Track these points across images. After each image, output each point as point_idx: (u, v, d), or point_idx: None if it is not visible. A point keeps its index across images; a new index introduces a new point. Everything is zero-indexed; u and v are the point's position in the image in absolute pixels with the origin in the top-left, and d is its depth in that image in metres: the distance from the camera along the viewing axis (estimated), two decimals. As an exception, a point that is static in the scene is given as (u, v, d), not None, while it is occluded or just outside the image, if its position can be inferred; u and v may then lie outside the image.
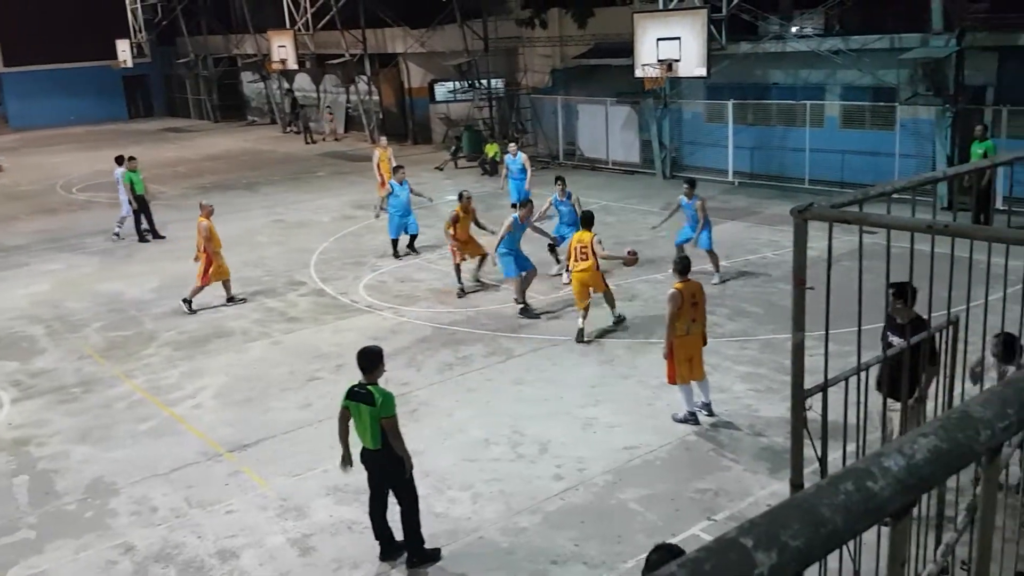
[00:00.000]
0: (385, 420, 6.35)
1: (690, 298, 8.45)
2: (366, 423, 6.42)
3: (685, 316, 8.45)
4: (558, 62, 27.14)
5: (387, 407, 6.35)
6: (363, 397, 6.41)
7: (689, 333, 8.46)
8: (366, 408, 6.39)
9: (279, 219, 19.45)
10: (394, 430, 6.41)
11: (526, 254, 12.51)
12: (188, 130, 39.06)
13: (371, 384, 6.44)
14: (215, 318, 12.70)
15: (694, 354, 8.55)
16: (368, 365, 6.54)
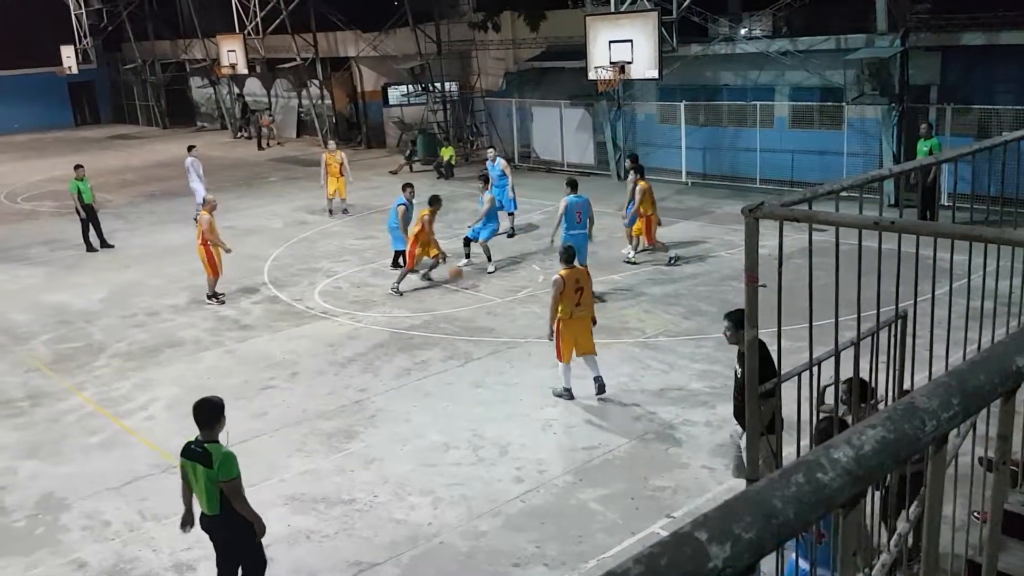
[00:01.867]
0: (225, 484, 5.58)
1: (574, 284, 8.96)
2: (202, 486, 5.64)
3: (569, 300, 8.96)
4: (511, 65, 27.19)
5: (226, 469, 5.56)
6: (199, 457, 5.61)
7: (572, 316, 8.98)
8: (202, 469, 5.59)
9: (230, 226, 19.12)
10: (236, 494, 5.64)
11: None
12: (136, 137, 38.29)
13: (209, 442, 5.64)
14: (166, 328, 12.47)
15: (579, 335, 9.10)
16: (206, 419, 5.69)
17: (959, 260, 3.87)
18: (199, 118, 40.76)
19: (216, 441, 5.68)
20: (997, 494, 1.67)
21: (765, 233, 3.63)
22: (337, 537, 7.01)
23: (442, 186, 22.44)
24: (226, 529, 5.72)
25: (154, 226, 19.28)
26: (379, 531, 7.06)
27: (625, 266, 14.17)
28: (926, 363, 4.39)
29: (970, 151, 4.55)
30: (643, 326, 11.42)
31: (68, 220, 18.06)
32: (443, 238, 16.84)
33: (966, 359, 1.24)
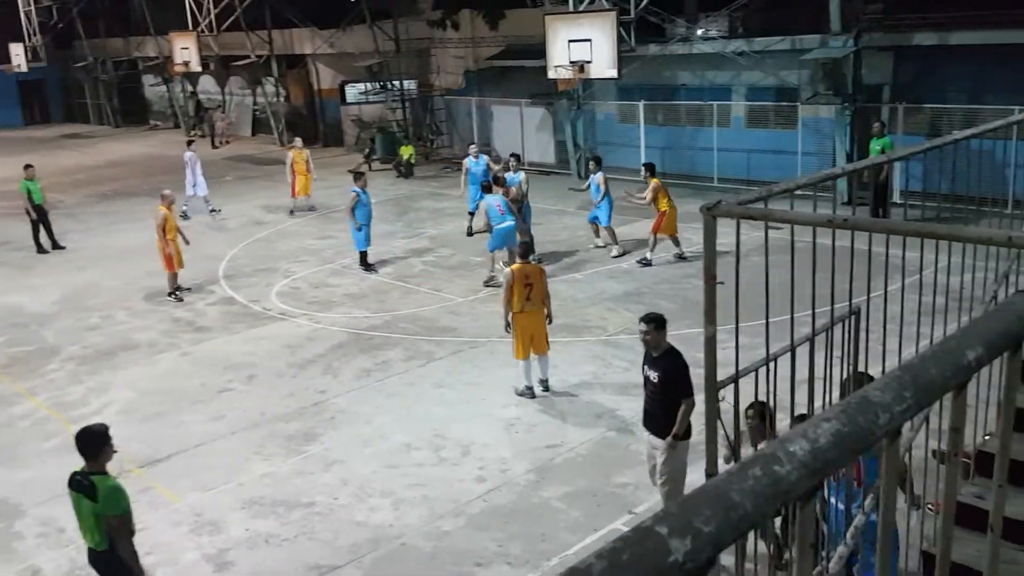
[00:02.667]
0: (111, 519, 5.18)
1: (523, 279, 9.09)
2: (87, 519, 5.25)
3: (519, 294, 9.08)
4: (471, 63, 27.15)
5: (112, 503, 5.17)
6: (84, 489, 5.21)
7: (523, 311, 9.09)
8: (87, 503, 5.19)
9: (184, 226, 18.84)
10: (121, 531, 5.22)
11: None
12: (88, 136, 37.49)
13: (94, 473, 5.23)
14: (121, 330, 12.23)
15: (535, 331, 9.20)
16: (88, 449, 5.27)
17: (911, 257, 3.96)
18: (152, 116, 40.04)
19: (103, 472, 5.27)
20: (949, 486, 1.71)
21: (723, 231, 3.67)
22: (297, 540, 6.95)
23: (402, 185, 22.37)
24: (112, 565, 5.29)
25: (108, 227, 18.90)
26: (340, 533, 7.00)
27: (585, 265, 14.22)
28: (880, 358, 4.48)
29: (921, 149, 4.66)
30: (605, 324, 11.49)
31: (19, 221, 17.61)
32: (405, 237, 16.80)
33: (918, 353, 1.27)
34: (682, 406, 6.34)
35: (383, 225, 18.01)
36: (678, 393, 6.34)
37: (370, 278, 14.16)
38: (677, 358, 6.40)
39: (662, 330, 6.45)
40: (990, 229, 3.39)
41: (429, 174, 23.77)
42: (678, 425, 6.37)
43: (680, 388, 6.35)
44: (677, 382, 6.35)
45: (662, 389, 6.42)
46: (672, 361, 6.40)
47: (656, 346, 6.45)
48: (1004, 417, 1.76)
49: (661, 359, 6.44)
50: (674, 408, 6.36)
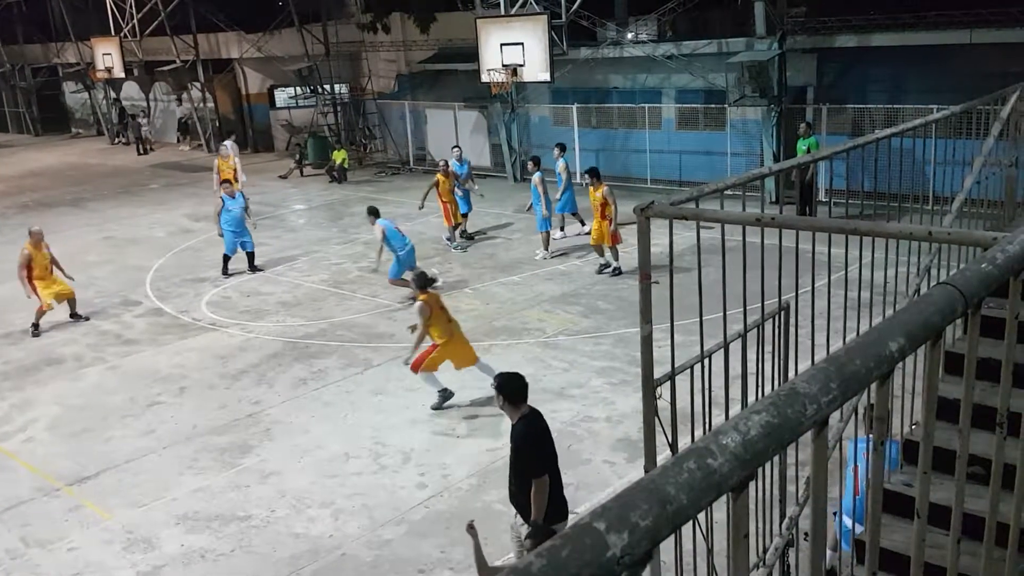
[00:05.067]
0: None
1: (437, 305, 8.89)
2: None
3: (441, 323, 8.85)
4: (403, 67, 27.00)
5: None
6: None
7: (453, 336, 8.94)
8: None
9: (109, 236, 18.29)
10: None
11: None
12: (6, 145, 36.05)
13: None
14: (44, 344, 11.80)
15: (461, 350, 9.06)
16: None
17: (837, 253, 4.07)
18: (74, 124, 38.73)
19: None
20: (876, 474, 1.76)
21: (656, 231, 3.73)
22: (234, 555, 6.79)
23: (335, 190, 22.10)
24: None
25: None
26: (278, 546, 6.87)
27: (523, 267, 14.26)
28: (809, 352, 4.60)
29: (845, 148, 4.80)
30: (543, 326, 11.54)
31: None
32: (339, 243, 16.60)
33: (843, 346, 1.30)
34: (533, 486, 5.46)
35: (317, 231, 17.77)
36: (524, 470, 5.53)
37: (303, 285, 13.96)
38: (525, 429, 5.57)
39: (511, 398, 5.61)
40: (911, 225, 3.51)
41: (363, 179, 23.55)
42: (534, 510, 5.46)
43: (527, 465, 5.51)
44: (523, 457, 5.54)
45: (512, 463, 5.64)
46: (519, 432, 5.58)
47: (509, 415, 5.67)
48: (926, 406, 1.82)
49: (512, 429, 5.65)
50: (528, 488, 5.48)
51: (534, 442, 5.52)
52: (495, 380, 5.74)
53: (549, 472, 5.52)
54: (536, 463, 5.47)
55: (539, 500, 5.43)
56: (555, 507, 5.54)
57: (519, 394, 5.62)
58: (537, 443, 5.53)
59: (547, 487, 5.42)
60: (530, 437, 5.51)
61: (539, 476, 5.42)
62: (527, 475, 5.46)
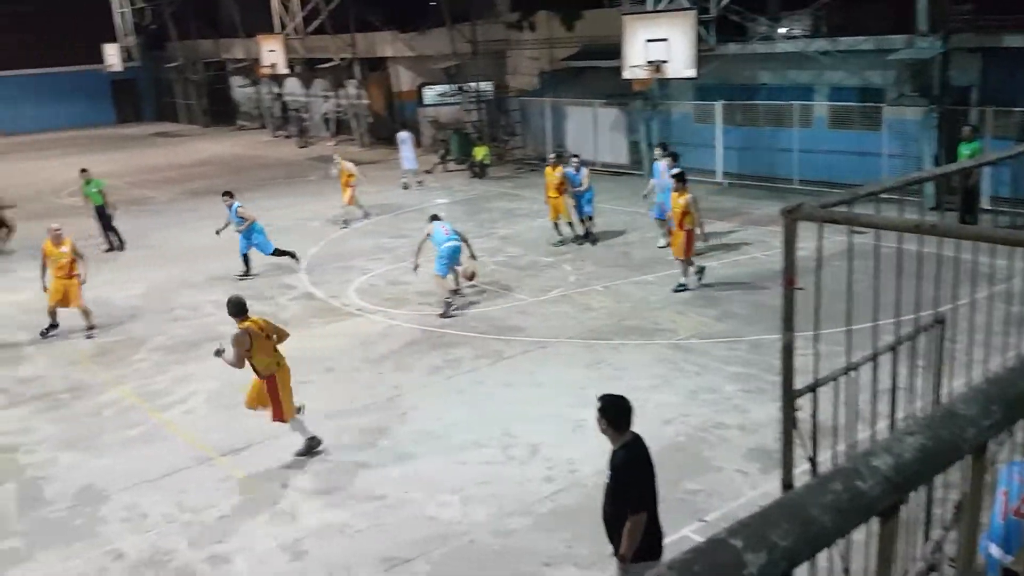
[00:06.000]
0: None
1: (261, 333, 8.16)
2: None
3: (266, 351, 8.14)
4: (546, 64, 27.17)
5: None
6: None
7: (280, 365, 8.26)
8: None
9: (268, 224, 19.33)
10: None
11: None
12: (178, 135, 38.88)
13: None
14: (206, 322, 12.65)
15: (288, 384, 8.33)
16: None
17: (999, 264, 3.80)
18: (239, 117, 41.26)
19: None
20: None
21: (803, 235, 3.59)
22: (369, 532, 7.07)
23: (476, 185, 22.53)
24: None
25: (195, 223, 19.53)
26: (410, 527, 7.10)
27: (657, 267, 14.08)
28: (965, 369, 4.31)
29: (1012, 154, 4.47)
30: (676, 327, 11.36)
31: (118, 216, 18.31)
32: (476, 237, 16.91)
33: (1006, 365, 1.22)
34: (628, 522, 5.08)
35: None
36: (622, 504, 5.13)
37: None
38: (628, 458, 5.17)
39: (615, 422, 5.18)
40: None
41: (502, 175, 23.88)
42: (624, 545, 5.11)
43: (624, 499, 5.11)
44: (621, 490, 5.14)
45: (609, 493, 5.25)
46: (615, 461, 5.19)
47: (610, 440, 5.23)
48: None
49: (613, 456, 5.24)
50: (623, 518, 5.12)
51: (636, 473, 5.13)
52: (600, 402, 5.20)
53: (647, 508, 5.15)
54: (635, 497, 5.08)
55: (632, 538, 5.05)
56: (648, 545, 5.15)
57: (624, 419, 5.18)
58: (639, 475, 5.13)
59: (643, 525, 5.05)
60: (632, 468, 5.12)
61: (636, 512, 5.04)
62: (624, 508, 5.09)
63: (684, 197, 12.37)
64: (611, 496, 5.18)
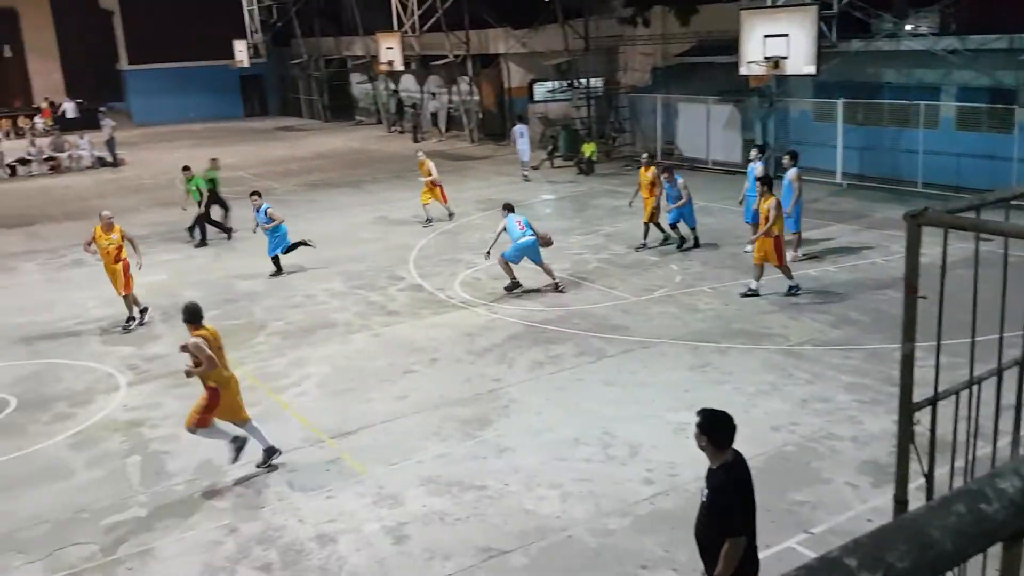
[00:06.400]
0: None
1: (215, 343, 8.04)
2: None
3: (222, 360, 8.08)
4: (659, 60, 26.82)
5: None
6: None
7: (230, 380, 8.16)
8: None
9: (382, 216, 19.93)
10: None
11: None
12: (299, 129, 40.38)
13: None
14: (320, 310, 13.12)
15: (236, 397, 8.24)
16: None
17: None
18: (357, 112, 42.48)
19: None
20: None
21: (926, 241, 3.43)
22: (469, 521, 7.19)
23: (582, 182, 22.49)
24: None
25: (313, 214, 20.29)
26: (509, 519, 7.18)
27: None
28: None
29: None
30: (787, 333, 11.03)
31: (237, 205, 19.22)
32: (581, 233, 16.87)
33: None
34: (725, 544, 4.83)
35: (561, 221, 18.19)
36: (719, 525, 4.86)
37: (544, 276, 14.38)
38: (730, 477, 4.89)
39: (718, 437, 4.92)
40: None
41: (609, 172, 23.74)
42: (721, 568, 4.85)
43: (723, 520, 4.83)
44: (721, 511, 4.86)
45: (707, 514, 4.97)
46: (718, 481, 4.90)
47: (711, 456, 4.95)
48: None
49: (712, 474, 4.96)
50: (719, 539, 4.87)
51: (738, 496, 4.86)
52: (701, 416, 4.95)
53: (748, 531, 4.92)
54: (736, 519, 4.81)
55: (729, 562, 4.78)
56: (743, 567, 4.89)
57: (727, 437, 4.90)
58: (740, 496, 4.86)
59: (741, 549, 4.80)
60: (734, 490, 4.87)
61: (735, 536, 4.77)
62: (722, 530, 4.84)
63: (769, 202, 12.04)
64: (708, 516, 4.94)
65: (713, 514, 4.87)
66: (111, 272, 12.63)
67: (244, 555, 6.91)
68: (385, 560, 6.73)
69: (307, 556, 6.85)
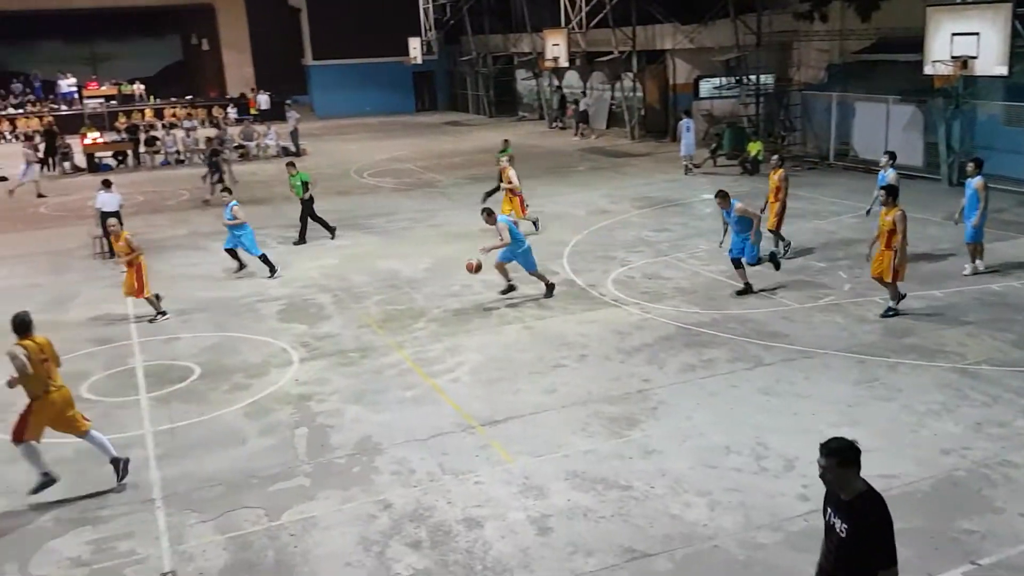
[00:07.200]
0: None
1: (38, 355, 7.68)
2: None
3: (40, 376, 7.69)
4: (836, 57, 25.59)
5: None
6: None
7: (49, 391, 7.77)
8: None
9: (539, 211, 20.18)
10: None
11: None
12: (465, 124, 41.52)
13: None
14: (477, 300, 13.50)
15: (65, 410, 7.90)
16: None
17: None
18: (520, 108, 43.18)
19: None
20: None
21: None
22: (613, 520, 7.22)
23: (745, 182, 21.82)
24: None
25: (474, 206, 20.84)
26: (654, 522, 7.14)
27: (947, 282, 12.84)
28: None
29: None
30: (964, 351, 10.30)
31: (405, 196, 20.06)
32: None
33: None
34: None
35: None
36: (871, 558, 4.44)
37: (701, 274, 14.12)
38: (875, 509, 4.46)
39: (849, 466, 4.51)
40: None
41: (777, 173, 22.90)
42: None
43: (877, 552, 4.44)
44: (873, 542, 4.45)
45: (850, 548, 4.53)
46: (868, 512, 4.46)
47: (843, 487, 4.55)
48: None
49: (852, 506, 4.52)
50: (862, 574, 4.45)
51: (886, 523, 4.43)
52: (828, 445, 4.57)
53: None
54: (893, 549, 4.42)
55: None
56: None
57: (859, 465, 4.51)
58: (889, 524, 4.43)
59: None
60: (882, 517, 4.45)
61: (889, 567, 4.41)
62: (871, 563, 4.42)
63: (892, 213, 11.17)
64: (848, 551, 4.52)
65: (856, 548, 4.50)
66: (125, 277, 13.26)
67: (396, 531, 7.25)
68: (528, 550, 6.87)
69: (454, 538, 7.10)
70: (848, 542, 4.49)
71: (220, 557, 7.03)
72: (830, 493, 4.66)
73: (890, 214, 11.24)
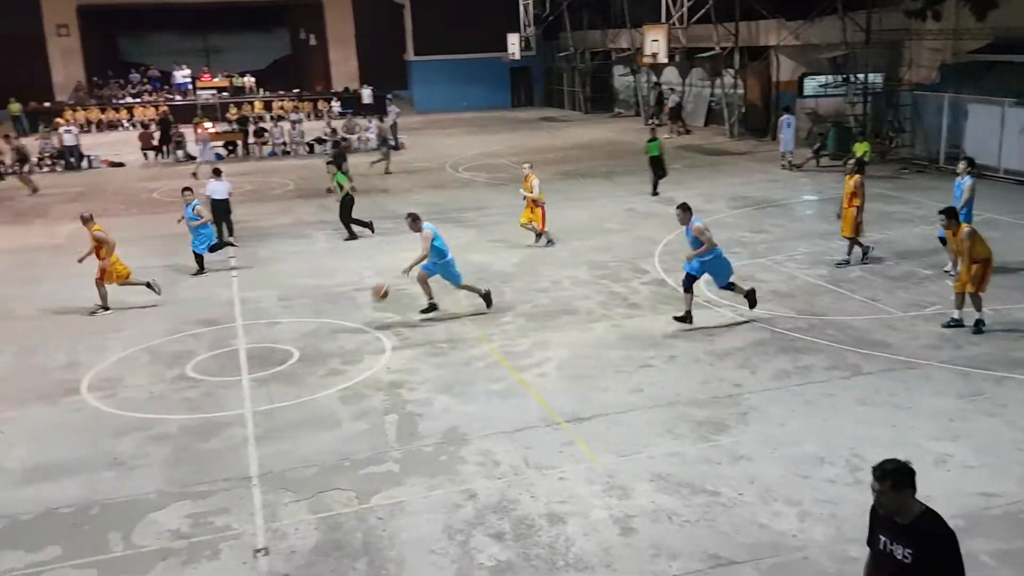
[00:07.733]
0: None
1: None
2: None
3: None
4: (949, 56, 24.43)
5: None
6: None
7: None
8: None
9: (631, 208, 20.04)
10: None
11: None
12: (561, 119, 41.50)
13: None
14: (564, 296, 13.51)
15: None
16: None
17: None
18: (617, 104, 42.87)
19: None
20: None
21: None
22: (698, 525, 7.13)
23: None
24: None
25: (565, 202, 20.84)
26: (740, 530, 7.02)
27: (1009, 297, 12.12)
28: None
29: None
30: (1081, 369, 9.73)
31: (498, 191, 20.23)
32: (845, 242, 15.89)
33: None
34: None
35: (823, 224, 17.19)
36: None
37: (799, 278, 13.74)
38: (940, 528, 4.23)
39: (905, 488, 4.26)
40: None
41: (882, 174, 22.06)
42: None
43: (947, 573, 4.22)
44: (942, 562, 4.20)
45: (917, 573, 4.26)
46: (934, 533, 4.23)
47: (900, 510, 4.30)
48: None
49: (913, 528, 4.27)
50: None
51: (953, 541, 4.21)
52: (885, 464, 4.31)
53: None
54: (960, 568, 4.21)
55: None
56: None
57: (915, 486, 4.27)
58: (956, 541, 4.22)
59: None
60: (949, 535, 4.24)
61: None
62: None
63: (962, 231, 10.92)
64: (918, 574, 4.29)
65: (925, 572, 4.27)
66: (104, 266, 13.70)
67: (480, 521, 7.35)
68: (611, 549, 6.86)
69: (537, 532, 7.14)
70: (914, 567, 4.25)
71: (312, 536, 7.27)
72: (880, 520, 4.41)
73: (958, 233, 10.92)
